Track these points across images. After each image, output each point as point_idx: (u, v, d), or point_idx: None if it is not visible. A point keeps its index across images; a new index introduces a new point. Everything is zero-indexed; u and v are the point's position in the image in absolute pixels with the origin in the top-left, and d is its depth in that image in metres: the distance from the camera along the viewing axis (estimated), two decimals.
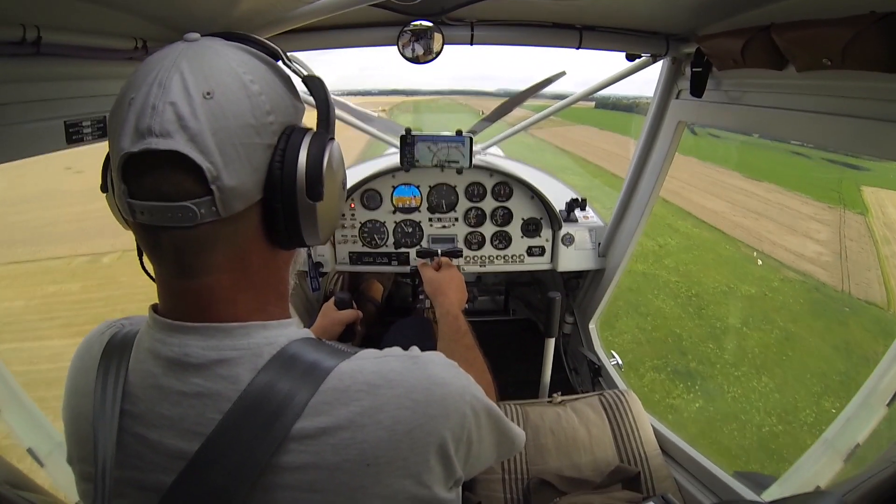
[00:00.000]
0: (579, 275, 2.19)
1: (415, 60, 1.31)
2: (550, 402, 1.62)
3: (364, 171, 1.98)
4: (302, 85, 0.61)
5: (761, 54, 0.94)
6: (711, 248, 10.10)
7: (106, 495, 0.49)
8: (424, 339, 1.58)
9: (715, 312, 8.11)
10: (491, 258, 2.01)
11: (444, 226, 1.97)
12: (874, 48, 0.70)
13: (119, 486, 0.51)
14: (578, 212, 2.03)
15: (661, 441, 1.50)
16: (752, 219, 11.97)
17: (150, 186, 0.46)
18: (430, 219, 1.96)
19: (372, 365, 0.53)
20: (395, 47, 1.30)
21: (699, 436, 5.81)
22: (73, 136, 0.84)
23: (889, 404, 1.13)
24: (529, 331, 2.71)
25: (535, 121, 2.27)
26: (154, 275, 0.54)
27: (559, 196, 2.05)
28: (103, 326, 0.63)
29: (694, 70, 1.26)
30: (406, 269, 1.97)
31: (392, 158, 2.43)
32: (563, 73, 1.80)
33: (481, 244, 2.00)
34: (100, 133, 0.89)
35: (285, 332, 0.54)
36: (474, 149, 1.79)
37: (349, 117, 2.06)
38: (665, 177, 1.64)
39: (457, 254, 1.57)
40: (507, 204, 1.96)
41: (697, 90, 1.27)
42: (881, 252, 10.32)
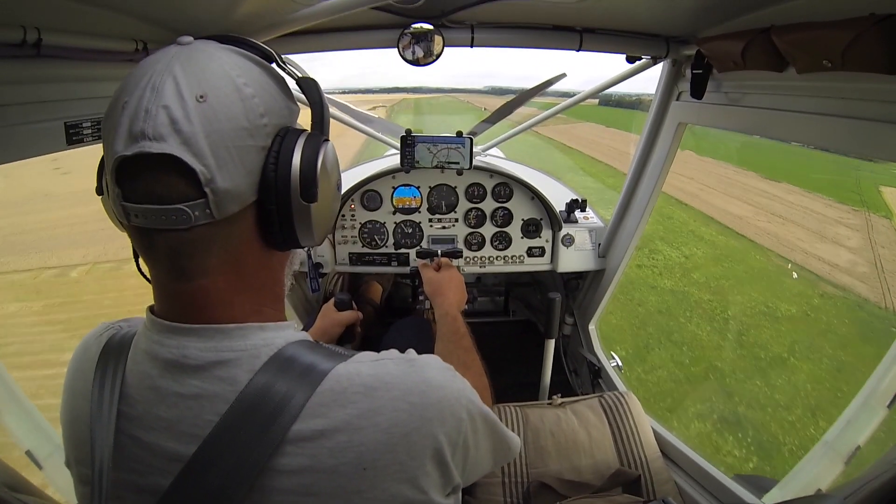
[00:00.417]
0: (579, 276, 2.19)
1: (415, 63, 1.31)
2: (550, 404, 1.62)
3: (364, 172, 1.98)
4: (301, 86, 0.60)
5: (761, 56, 0.94)
6: (741, 259, 9.18)
7: (103, 498, 0.49)
8: (424, 340, 1.58)
9: (756, 339, 6.97)
10: (491, 259, 2.00)
11: (444, 227, 1.97)
12: (874, 50, 0.70)
13: (116, 489, 0.51)
14: (578, 213, 2.03)
15: (662, 444, 1.49)
16: (778, 224, 11.22)
17: (144, 189, 0.46)
18: (430, 220, 1.96)
19: (369, 368, 0.53)
20: (396, 50, 1.30)
21: None
22: (73, 138, 0.84)
23: (889, 406, 1.12)
24: (529, 332, 2.70)
25: (535, 123, 2.28)
26: (150, 277, 0.54)
27: (559, 197, 2.05)
28: (101, 328, 0.63)
29: (694, 72, 1.26)
30: (406, 270, 1.97)
31: (392, 159, 2.43)
32: (564, 75, 1.80)
33: (481, 245, 2.00)
34: (100, 134, 0.88)
35: (283, 334, 0.54)
36: (474, 150, 1.79)
37: (350, 119, 2.06)
38: (665, 178, 1.64)
39: (457, 254, 1.57)
40: (507, 205, 1.96)
41: (698, 92, 1.27)
42: None
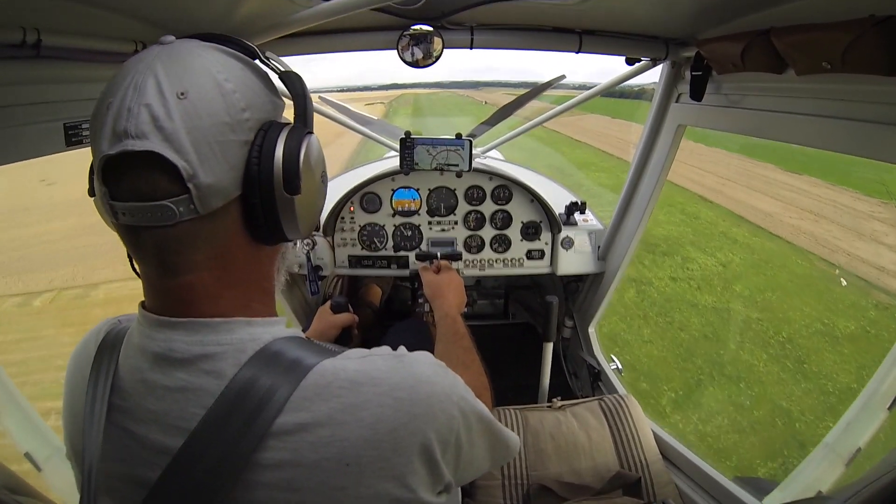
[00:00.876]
0: (579, 278, 2.18)
1: (414, 64, 1.31)
2: (550, 407, 1.62)
3: (363, 175, 1.98)
4: (284, 80, 0.61)
5: (761, 58, 0.94)
6: (782, 265, 8.11)
7: (93, 488, 0.49)
8: (423, 343, 1.57)
9: (819, 367, 5.85)
10: (490, 262, 2.00)
11: (444, 229, 1.97)
12: (873, 52, 0.70)
13: (109, 480, 0.51)
14: (578, 215, 2.02)
15: (662, 446, 1.49)
16: (811, 221, 10.11)
17: (129, 187, 0.47)
18: (430, 222, 1.96)
19: (356, 363, 0.53)
20: (395, 51, 1.30)
21: None
22: (73, 139, 0.84)
23: (890, 408, 1.12)
24: (529, 335, 2.70)
25: (534, 125, 2.28)
26: (139, 274, 0.54)
27: (558, 199, 2.05)
28: (101, 324, 0.64)
29: (694, 74, 1.26)
30: (405, 273, 1.97)
31: (392, 161, 2.43)
32: (563, 77, 1.81)
33: (481, 248, 2.00)
34: None
35: (271, 330, 0.54)
36: (474, 152, 1.79)
37: (349, 121, 2.07)
38: (665, 180, 1.64)
39: (456, 257, 1.57)
40: (507, 207, 1.96)
41: (697, 94, 1.28)
42: None
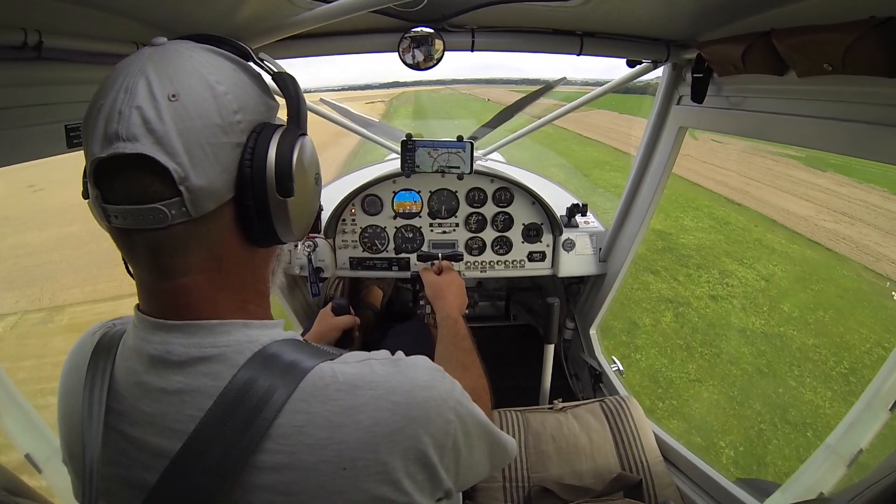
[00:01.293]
0: (580, 280, 2.18)
1: (415, 67, 1.32)
2: (551, 409, 1.61)
3: (365, 177, 1.98)
4: (277, 81, 0.60)
5: (762, 60, 0.94)
6: (827, 277, 7.34)
7: (93, 492, 0.49)
8: (423, 345, 1.57)
9: None
10: (491, 263, 2.00)
11: (445, 231, 1.97)
12: (874, 53, 0.70)
13: (106, 483, 0.51)
14: (579, 217, 2.03)
15: (663, 448, 1.49)
16: (846, 224, 9.37)
17: (121, 190, 0.46)
18: (431, 224, 1.96)
19: (353, 367, 0.53)
20: (396, 53, 1.31)
21: None
22: (74, 140, 0.84)
23: (892, 409, 1.12)
24: (530, 336, 2.70)
25: (536, 128, 2.28)
26: (133, 276, 0.54)
27: (560, 201, 2.05)
28: (96, 327, 0.63)
29: (695, 76, 1.26)
30: (406, 275, 1.97)
31: (393, 164, 2.43)
32: (564, 79, 1.81)
33: (482, 249, 2.00)
34: None
35: (268, 333, 0.54)
36: (475, 155, 1.79)
37: (351, 123, 2.07)
38: (666, 182, 1.64)
39: (457, 258, 1.57)
40: (508, 209, 1.96)
41: (698, 96, 1.27)
42: None
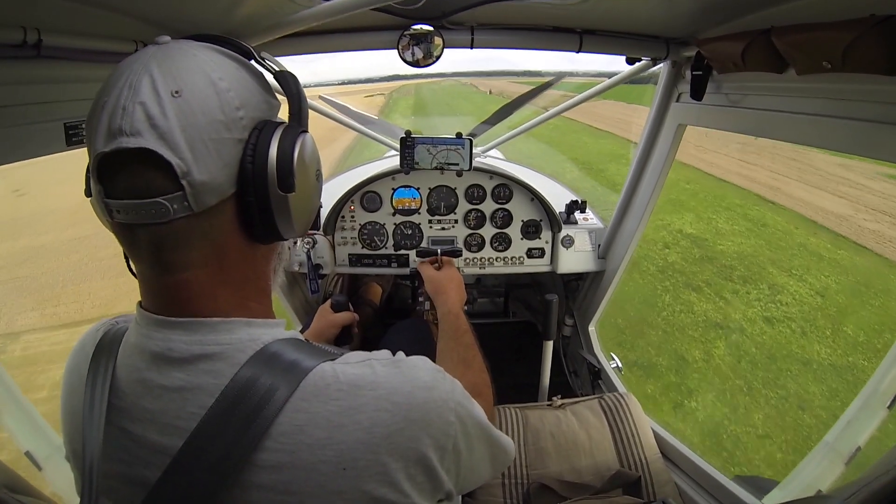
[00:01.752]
0: (579, 277, 2.19)
1: (415, 64, 1.31)
2: (550, 406, 1.62)
3: (364, 174, 1.98)
4: (279, 80, 0.61)
5: (761, 57, 0.94)
6: (885, 289, 6.46)
7: (94, 489, 0.49)
8: (423, 342, 1.58)
9: None
10: (490, 260, 2.00)
11: (444, 228, 1.97)
12: (874, 51, 0.70)
13: (107, 480, 0.51)
14: (578, 214, 2.03)
15: (662, 445, 1.49)
16: (889, 224, 8.73)
17: (124, 185, 0.47)
18: (430, 221, 1.96)
19: (354, 367, 0.53)
20: (396, 51, 1.30)
21: None
22: (73, 139, 0.84)
23: (890, 407, 1.12)
24: (529, 333, 2.70)
25: (534, 125, 2.27)
26: (136, 274, 0.55)
27: (559, 198, 2.05)
28: (98, 325, 0.64)
29: (694, 73, 1.26)
30: (406, 271, 1.97)
31: (392, 161, 2.43)
32: (563, 76, 1.81)
33: (481, 246, 2.00)
34: None
35: (270, 332, 0.55)
36: (474, 151, 1.79)
37: (350, 121, 2.07)
38: (665, 179, 1.64)
39: (456, 254, 1.57)
40: (507, 206, 1.96)
41: (698, 93, 1.27)
42: None
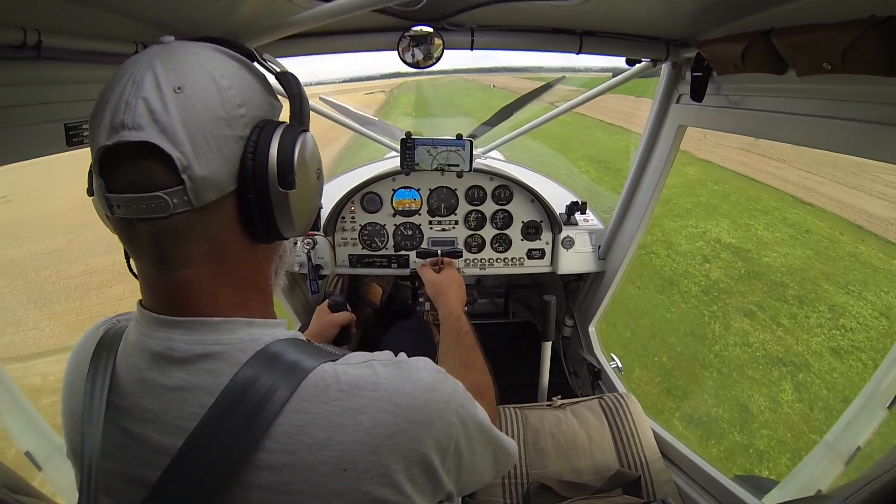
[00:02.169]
0: (579, 277, 2.19)
1: (415, 66, 1.31)
2: (550, 406, 1.62)
3: (364, 175, 1.98)
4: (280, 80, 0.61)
5: (761, 59, 0.94)
6: None
7: (93, 487, 0.49)
8: (423, 342, 1.58)
9: None
10: (491, 261, 2.00)
11: (444, 229, 1.97)
12: (874, 52, 0.70)
13: (107, 479, 0.51)
14: (578, 215, 2.03)
15: (662, 445, 1.49)
16: None
17: (125, 179, 0.47)
18: (430, 222, 1.96)
19: (355, 368, 0.53)
20: (396, 52, 1.30)
21: None
22: (73, 139, 0.84)
23: (889, 407, 1.13)
24: (529, 334, 2.70)
25: (534, 126, 2.28)
26: (136, 274, 0.55)
27: (559, 199, 2.05)
28: (99, 323, 0.64)
29: (694, 75, 1.26)
30: (406, 272, 1.97)
31: (392, 162, 2.43)
32: (564, 77, 1.81)
33: (481, 247, 2.00)
34: None
35: (271, 332, 0.54)
36: (474, 153, 1.79)
37: (351, 122, 2.07)
38: (665, 181, 1.64)
39: (457, 255, 1.57)
40: (507, 207, 1.96)
41: (698, 95, 1.27)
42: None
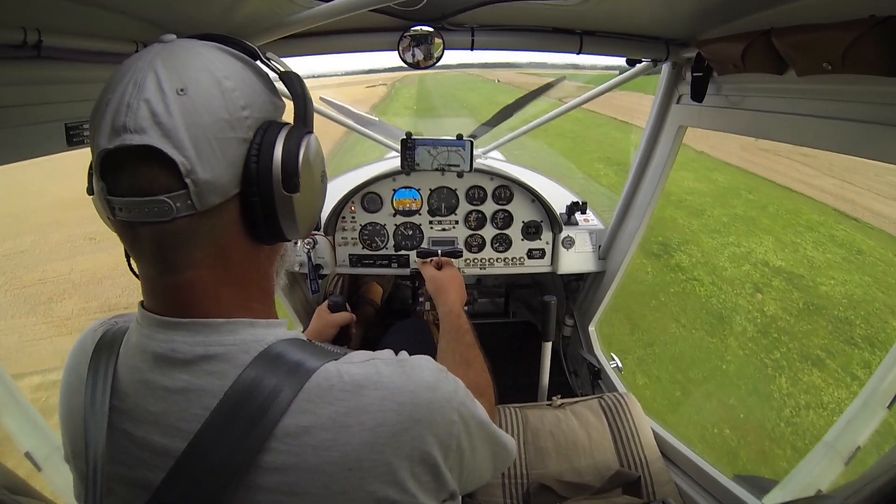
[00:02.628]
0: (579, 277, 2.19)
1: (415, 66, 1.31)
2: (550, 405, 1.62)
3: (365, 175, 1.98)
4: (284, 80, 0.61)
5: (761, 59, 0.94)
6: None
7: (97, 492, 0.49)
8: (423, 342, 1.58)
9: None
10: (491, 261, 2.00)
11: (445, 228, 1.97)
12: (874, 52, 0.70)
13: (109, 482, 0.51)
14: (579, 215, 2.03)
15: (662, 445, 1.49)
16: None
17: (127, 182, 0.47)
18: (431, 222, 1.96)
19: (358, 367, 0.53)
20: (396, 52, 1.30)
21: None
22: (74, 139, 0.84)
23: (889, 407, 1.13)
24: (529, 333, 2.70)
25: (538, 125, 2.28)
26: (138, 275, 0.54)
27: (559, 199, 2.05)
28: (96, 324, 0.63)
29: (694, 75, 1.26)
30: (406, 272, 1.97)
31: (393, 162, 2.43)
32: (564, 78, 1.81)
33: (481, 247, 2.00)
34: None
35: (274, 332, 0.54)
36: (475, 153, 1.79)
37: (351, 122, 2.07)
38: (665, 181, 1.64)
39: (457, 254, 1.57)
40: (508, 207, 1.96)
41: (698, 95, 1.27)
42: None
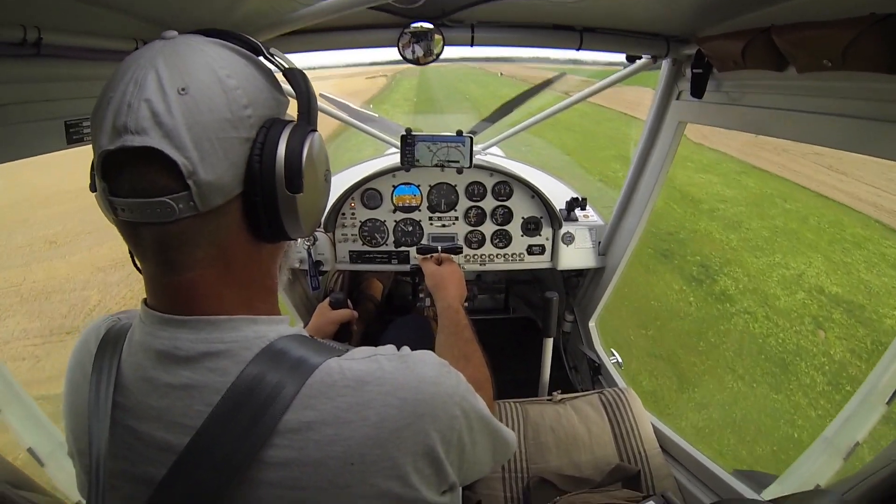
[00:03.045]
0: (579, 273, 2.19)
1: (415, 62, 1.31)
2: (550, 401, 1.63)
3: (364, 171, 1.98)
4: (288, 77, 0.60)
5: (762, 55, 0.95)
6: None
7: (101, 487, 0.49)
8: (423, 338, 1.58)
9: None
10: (491, 257, 2.01)
11: (445, 224, 1.98)
12: (874, 49, 0.70)
13: (112, 478, 0.51)
14: (578, 211, 2.03)
15: (661, 439, 1.50)
16: None
17: (129, 183, 0.46)
18: (431, 218, 1.96)
19: (361, 363, 0.53)
20: (396, 48, 1.30)
21: None
22: (74, 137, 0.84)
23: (889, 402, 1.13)
24: (529, 329, 2.71)
25: (534, 122, 2.27)
26: (141, 270, 0.54)
27: (559, 195, 2.06)
28: (100, 321, 0.63)
29: (694, 71, 1.26)
30: (406, 268, 1.97)
31: (392, 158, 2.43)
32: (564, 74, 1.81)
33: (481, 243, 2.00)
34: None
35: (276, 329, 0.54)
36: (474, 149, 1.79)
37: (351, 119, 2.07)
38: (665, 176, 1.64)
39: (457, 250, 1.58)
40: (508, 203, 1.96)
41: (698, 91, 1.27)
42: None
